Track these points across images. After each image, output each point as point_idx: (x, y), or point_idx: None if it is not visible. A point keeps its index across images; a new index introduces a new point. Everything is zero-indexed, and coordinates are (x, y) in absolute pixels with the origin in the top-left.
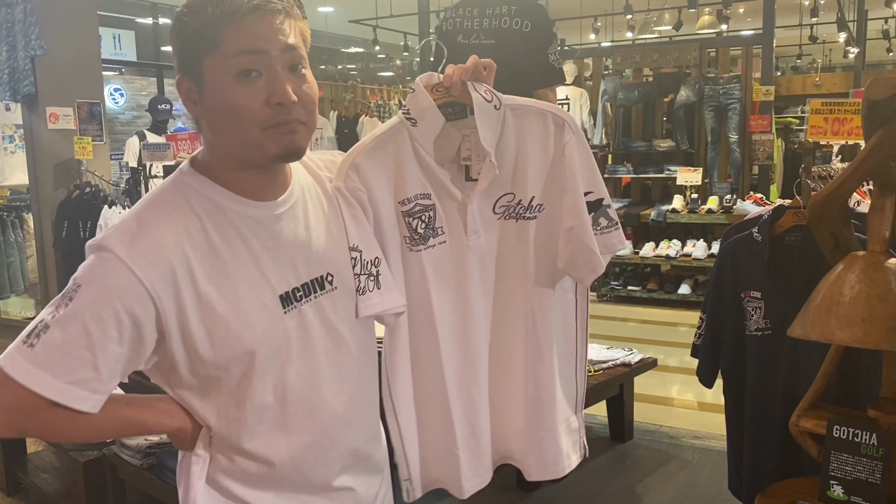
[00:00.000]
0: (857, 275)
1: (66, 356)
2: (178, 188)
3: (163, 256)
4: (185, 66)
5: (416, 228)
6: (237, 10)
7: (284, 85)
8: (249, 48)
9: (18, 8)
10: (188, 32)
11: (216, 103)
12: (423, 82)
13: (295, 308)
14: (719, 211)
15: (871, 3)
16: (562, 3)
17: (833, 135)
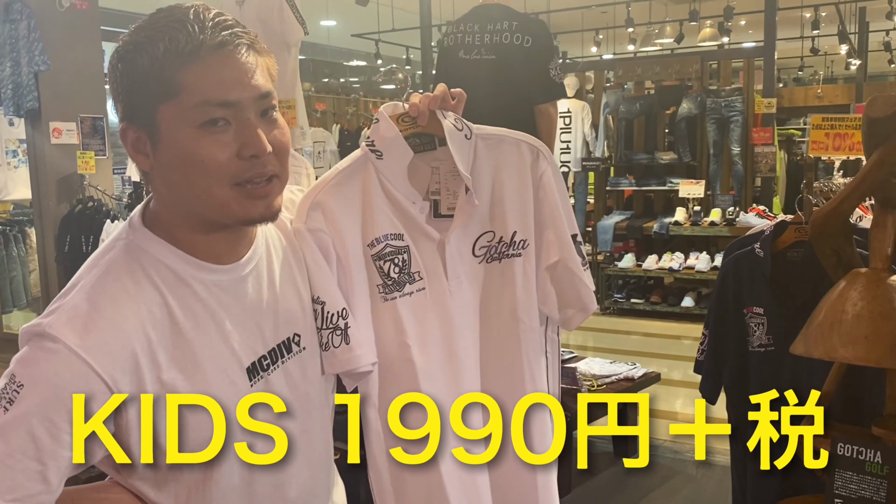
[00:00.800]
0: (860, 292)
1: (10, 471)
2: (132, 254)
3: (123, 343)
4: (132, 113)
5: (388, 273)
6: (197, 48)
7: (258, 134)
8: (217, 100)
9: (22, 24)
10: (136, 74)
11: (174, 156)
12: (388, 112)
13: (262, 379)
14: (722, 223)
15: (872, 15)
16: (563, 16)
17: (834, 150)
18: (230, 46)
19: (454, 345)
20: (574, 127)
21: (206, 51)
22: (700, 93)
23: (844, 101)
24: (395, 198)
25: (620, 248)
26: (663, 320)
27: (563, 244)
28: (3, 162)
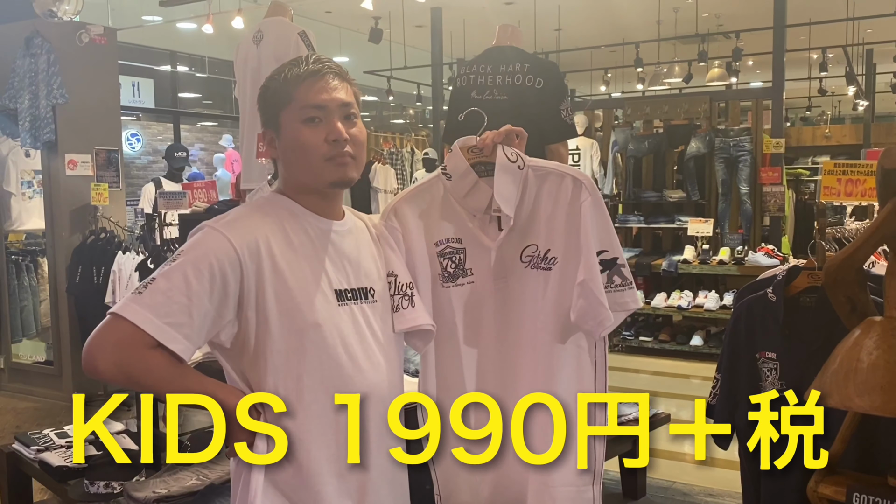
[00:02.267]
0: (875, 341)
1: (168, 300)
2: (261, 203)
3: (251, 233)
4: (268, 120)
5: (446, 267)
6: (303, 74)
7: (338, 127)
8: (313, 103)
9: (42, 58)
10: (269, 93)
11: (289, 143)
12: (461, 144)
13: (346, 305)
14: (731, 262)
15: (879, 57)
16: (573, 55)
17: (846, 196)
18: (323, 72)
19: (489, 329)
20: (583, 164)
21: (307, 74)
22: (709, 132)
23: (852, 141)
24: (458, 211)
25: None
26: (672, 359)
27: (587, 266)
28: (18, 192)
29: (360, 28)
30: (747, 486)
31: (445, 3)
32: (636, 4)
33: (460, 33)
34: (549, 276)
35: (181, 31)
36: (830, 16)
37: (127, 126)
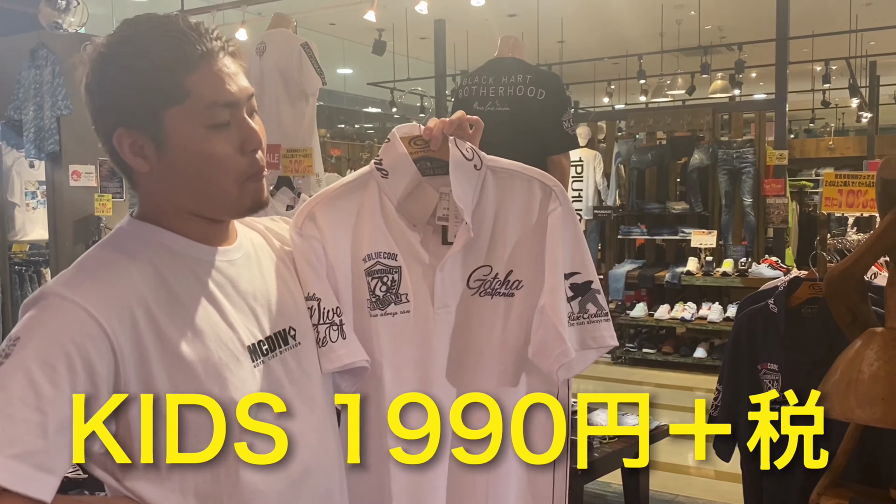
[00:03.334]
0: (876, 352)
1: (10, 421)
2: (119, 241)
3: (118, 296)
4: (134, 118)
5: (374, 290)
6: (201, 56)
7: (255, 131)
8: (224, 100)
9: (47, 69)
10: (139, 79)
11: (185, 155)
12: (402, 132)
13: (263, 363)
14: (734, 274)
15: (882, 69)
16: (576, 67)
17: (848, 207)
18: (222, 53)
19: (429, 373)
20: (586, 176)
21: (206, 57)
22: (712, 144)
23: (856, 153)
24: (394, 217)
25: (632, 297)
26: (675, 371)
27: (551, 288)
28: (22, 203)
29: (363, 40)
30: (749, 496)
31: (449, 16)
32: (639, 17)
33: (463, 45)
34: (510, 305)
35: None
36: (833, 28)
37: None
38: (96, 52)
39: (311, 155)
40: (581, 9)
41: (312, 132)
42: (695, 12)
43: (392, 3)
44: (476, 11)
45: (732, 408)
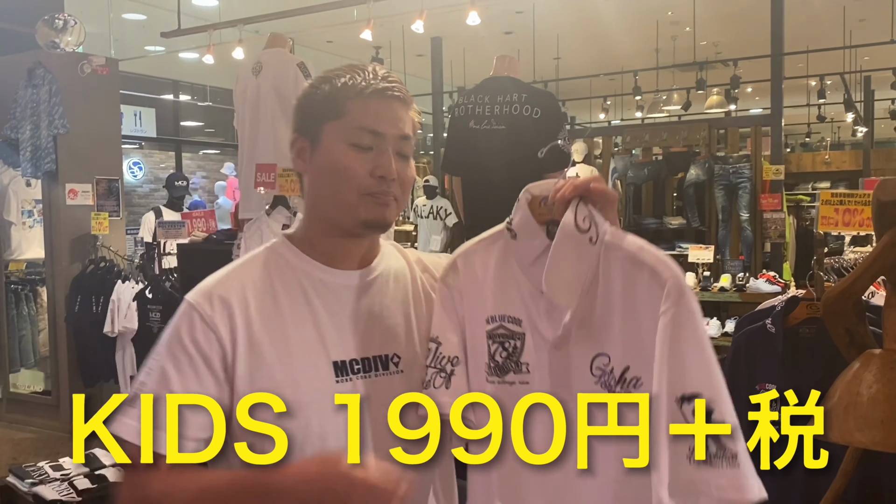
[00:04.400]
0: (875, 374)
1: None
2: (258, 255)
3: (226, 295)
4: (305, 126)
5: (493, 355)
6: (366, 89)
7: (390, 163)
8: (370, 127)
9: (44, 89)
10: (316, 97)
11: (326, 162)
12: (533, 193)
13: (349, 381)
14: (732, 289)
15: (877, 83)
16: (572, 83)
17: (844, 225)
18: (389, 94)
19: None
20: None
21: (371, 92)
22: (708, 159)
23: (852, 167)
24: (521, 282)
25: None
26: None
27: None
28: (19, 221)
29: (360, 57)
30: None
31: (445, 33)
32: (634, 33)
33: (460, 62)
34: (622, 407)
35: (183, 61)
36: (828, 44)
37: (129, 154)
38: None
39: None
40: (577, 26)
41: None
42: (690, 28)
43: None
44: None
45: None
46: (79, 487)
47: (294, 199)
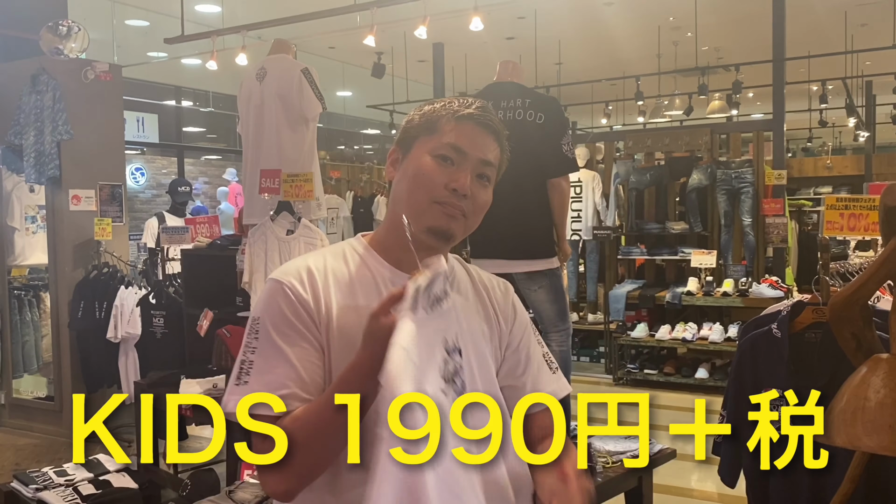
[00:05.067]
0: (882, 378)
1: (272, 374)
2: (342, 245)
3: (307, 271)
4: (403, 140)
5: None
6: (459, 112)
7: (465, 178)
8: (454, 144)
9: (48, 95)
10: (419, 118)
11: (411, 169)
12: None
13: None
14: (735, 294)
15: (878, 88)
16: (574, 88)
17: (849, 230)
18: (481, 121)
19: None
20: (585, 196)
21: (463, 115)
22: (710, 164)
23: (853, 171)
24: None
25: (633, 318)
26: (677, 391)
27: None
28: (22, 227)
29: (363, 63)
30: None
31: (447, 39)
32: (636, 38)
33: (462, 68)
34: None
35: (186, 67)
36: (829, 48)
37: (132, 160)
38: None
39: (312, 179)
40: (578, 31)
41: (313, 157)
42: (692, 34)
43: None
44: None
45: (737, 434)
46: (83, 493)
47: (298, 205)
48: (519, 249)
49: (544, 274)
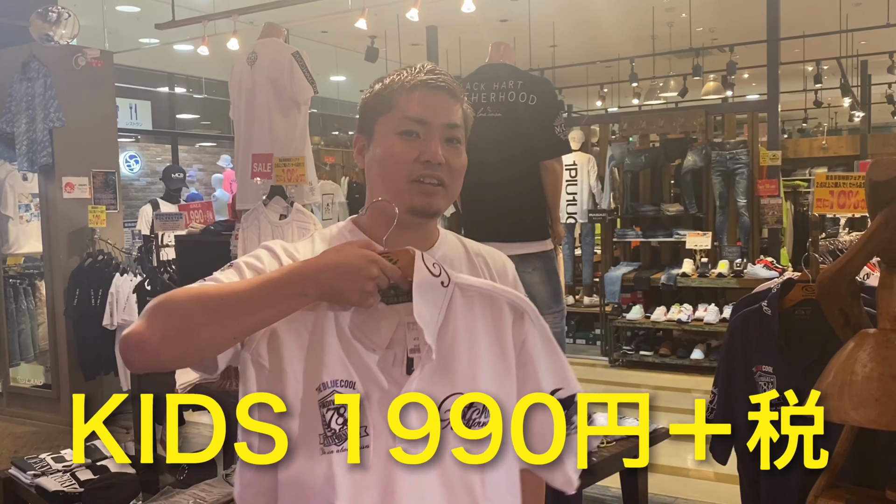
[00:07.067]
0: (869, 353)
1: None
2: (331, 228)
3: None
4: (363, 125)
5: (330, 423)
6: (410, 82)
7: (436, 148)
8: (415, 116)
9: (39, 82)
10: (371, 97)
11: (379, 153)
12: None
13: None
14: (730, 275)
15: (873, 68)
16: (568, 71)
17: (840, 207)
18: (434, 85)
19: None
20: (580, 179)
21: (414, 84)
22: (705, 145)
23: (849, 152)
24: (348, 341)
25: (628, 300)
26: (673, 373)
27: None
28: (16, 216)
29: (356, 47)
30: (746, 498)
31: (440, 22)
32: (630, 20)
33: (456, 51)
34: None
35: (178, 53)
36: (824, 28)
37: (125, 148)
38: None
39: (304, 164)
40: (572, 13)
41: (305, 141)
42: (686, 15)
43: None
44: (467, 17)
45: (729, 410)
46: (81, 478)
47: (291, 189)
48: (512, 232)
49: (538, 256)
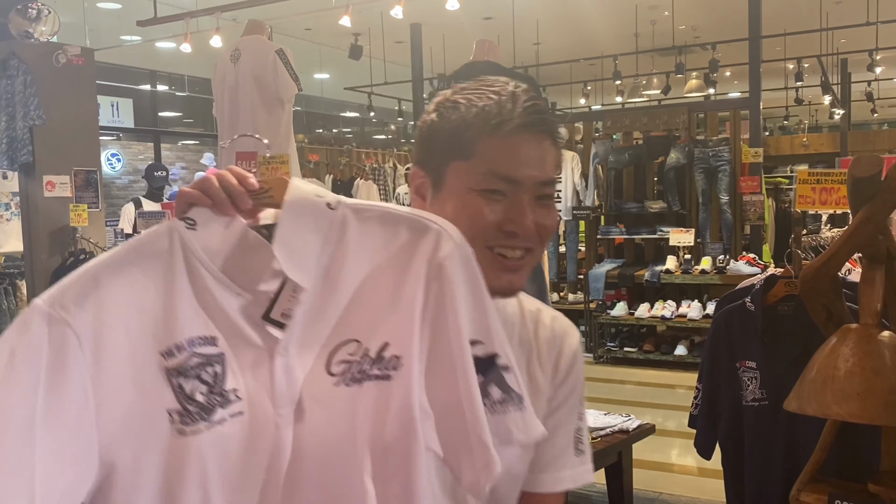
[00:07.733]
0: (851, 348)
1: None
2: None
3: None
4: (427, 159)
5: (192, 395)
6: (503, 124)
7: (525, 215)
8: (504, 173)
9: (19, 80)
10: (444, 128)
11: (450, 209)
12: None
13: None
14: (713, 271)
15: (853, 66)
16: (552, 68)
17: (821, 204)
18: (533, 130)
19: (275, 498)
20: (564, 176)
21: (509, 129)
22: (688, 143)
23: (830, 149)
24: (206, 287)
25: (612, 297)
26: (657, 369)
27: (462, 371)
28: None
29: (339, 45)
30: (730, 493)
31: (425, 19)
32: (613, 18)
33: (440, 49)
34: (389, 391)
35: (160, 51)
36: (805, 26)
37: (107, 146)
38: (438, 98)
39: (288, 161)
40: (556, 11)
41: (289, 138)
42: (668, 13)
43: (367, 7)
44: (452, 15)
45: (713, 406)
46: None
47: None
48: None
49: None
